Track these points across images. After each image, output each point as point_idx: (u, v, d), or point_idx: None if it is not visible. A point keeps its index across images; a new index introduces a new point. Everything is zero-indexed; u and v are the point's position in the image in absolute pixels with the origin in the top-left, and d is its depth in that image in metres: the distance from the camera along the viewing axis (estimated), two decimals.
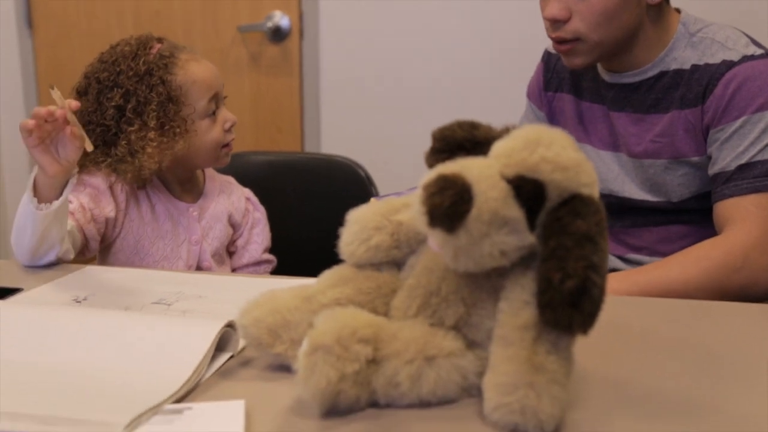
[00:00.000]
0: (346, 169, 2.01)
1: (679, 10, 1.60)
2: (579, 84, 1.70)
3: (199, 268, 1.63)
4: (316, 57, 2.79)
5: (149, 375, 0.92)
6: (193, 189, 1.68)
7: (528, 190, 0.81)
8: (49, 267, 1.41)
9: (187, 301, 1.23)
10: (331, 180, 2.02)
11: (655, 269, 1.39)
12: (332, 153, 2.18)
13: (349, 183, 2.00)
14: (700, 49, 1.52)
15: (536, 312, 0.80)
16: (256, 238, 1.75)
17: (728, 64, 1.48)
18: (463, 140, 0.92)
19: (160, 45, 1.56)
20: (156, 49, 1.55)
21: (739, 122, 1.46)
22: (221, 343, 1.00)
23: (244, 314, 0.95)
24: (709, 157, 1.51)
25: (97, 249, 1.56)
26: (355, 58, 2.77)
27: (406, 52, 2.72)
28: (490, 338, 0.86)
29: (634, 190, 1.62)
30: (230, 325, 1.00)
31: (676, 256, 1.41)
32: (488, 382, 0.83)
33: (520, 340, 0.82)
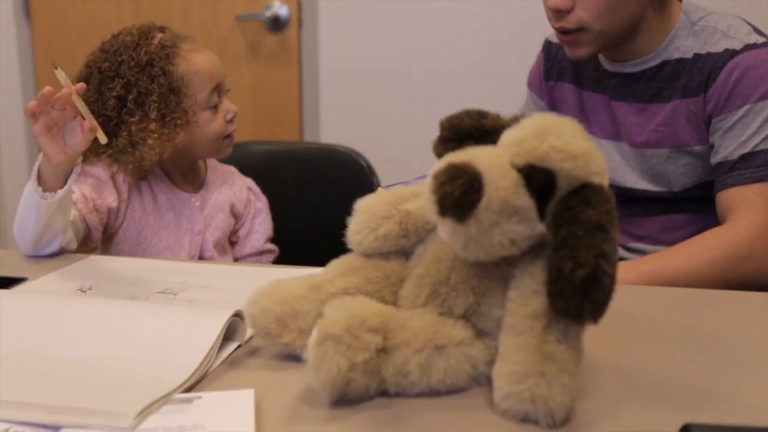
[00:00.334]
0: (347, 159, 2.01)
1: None
2: (580, 73, 1.70)
3: (202, 258, 1.63)
4: (315, 46, 2.78)
5: (158, 364, 0.92)
6: (195, 179, 1.68)
7: (538, 179, 0.81)
8: (52, 257, 1.40)
9: (192, 290, 1.23)
10: (332, 170, 2.02)
11: (659, 259, 1.40)
12: (332, 143, 2.18)
13: (350, 173, 1.99)
14: (702, 37, 1.52)
15: (546, 301, 0.81)
16: (258, 228, 1.75)
17: (730, 53, 1.48)
18: (472, 129, 0.91)
19: (162, 35, 1.55)
20: (158, 38, 1.54)
21: (741, 111, 1.46)
22: (228, 333, 1.00)
23: (252, 304, 0.95)
24: (712, 147, 1.51)
25: (100, 239, 1.56)
26: (354, 47, 2.76)
27: (405, 42, 2.71)
28: (499, 327, 0.86)
29: (635, 180, 1.62)
30: (238, 315, 1.00)
31: (681, 246, 1.41)
32: (498, 371, 0.83)
33: (530, 329, 0.82)
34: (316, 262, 1.15)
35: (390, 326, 0.86)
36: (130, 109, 1.49)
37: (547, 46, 1.78)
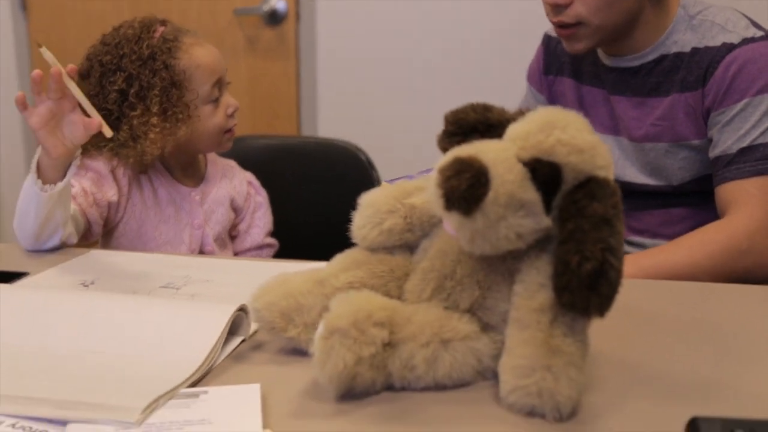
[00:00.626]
0: (347, 153, 2.00)
1: None
2: (579, 68, 1.70)
3: (202, 253, 1.62)
4: (313, 40, 2.78)
5: (163, 359, 0.93)
6: (195, 173, 1.67)
7: (544, 173, 0.81)
8: (53, 251, 1.40)
9: (194, 285, 1.23)
10: (332, 164, 2.01)
11: (660, 253, 1.40)
12: (329, 137, 2.17)
13: (350, 167, 1.99)
14: (700, 31, 1.52)
15: (552, 295, 0.81)
16: (258, 222, 1.75)
17: (728, 47, 1.48)
18: (477, 123, 0.92)
19: (163, 28, 1.55)
20: (159, 32, 1.53)
21: (740, 105, 1.46)
22: (232, 327, 1.00)
23: (257, 298, 0.95)
24: (710, 140, 1.51)
25: (100, 233, 1.55)
26: (351, 41, 2.76)
27: (403, 36, 2.71)
28: (505, 321, 0.86)
29: (634, 174, 1.62)
30: (242, 309, 1.00)
31: (682, 240, 1.41)
32: (505, 365, 0.84)
33: (536, 323, 0.82)
34: (316, 256, 1.15)
35: (396, 320, 0.86)
36: (132, 103, 1.49)
37: (547, 40, 1.78)
